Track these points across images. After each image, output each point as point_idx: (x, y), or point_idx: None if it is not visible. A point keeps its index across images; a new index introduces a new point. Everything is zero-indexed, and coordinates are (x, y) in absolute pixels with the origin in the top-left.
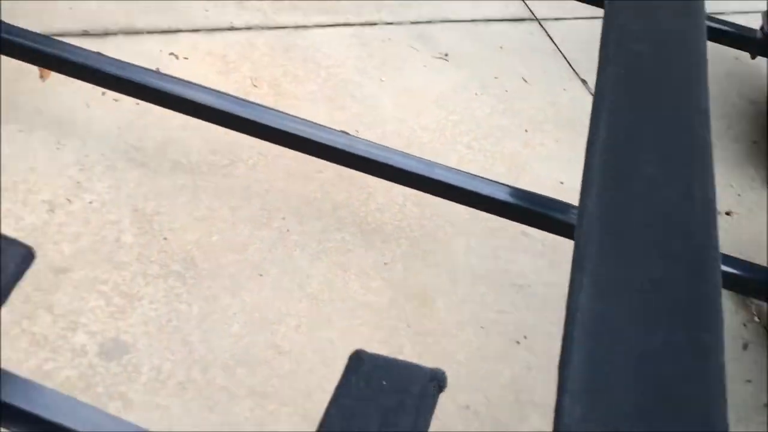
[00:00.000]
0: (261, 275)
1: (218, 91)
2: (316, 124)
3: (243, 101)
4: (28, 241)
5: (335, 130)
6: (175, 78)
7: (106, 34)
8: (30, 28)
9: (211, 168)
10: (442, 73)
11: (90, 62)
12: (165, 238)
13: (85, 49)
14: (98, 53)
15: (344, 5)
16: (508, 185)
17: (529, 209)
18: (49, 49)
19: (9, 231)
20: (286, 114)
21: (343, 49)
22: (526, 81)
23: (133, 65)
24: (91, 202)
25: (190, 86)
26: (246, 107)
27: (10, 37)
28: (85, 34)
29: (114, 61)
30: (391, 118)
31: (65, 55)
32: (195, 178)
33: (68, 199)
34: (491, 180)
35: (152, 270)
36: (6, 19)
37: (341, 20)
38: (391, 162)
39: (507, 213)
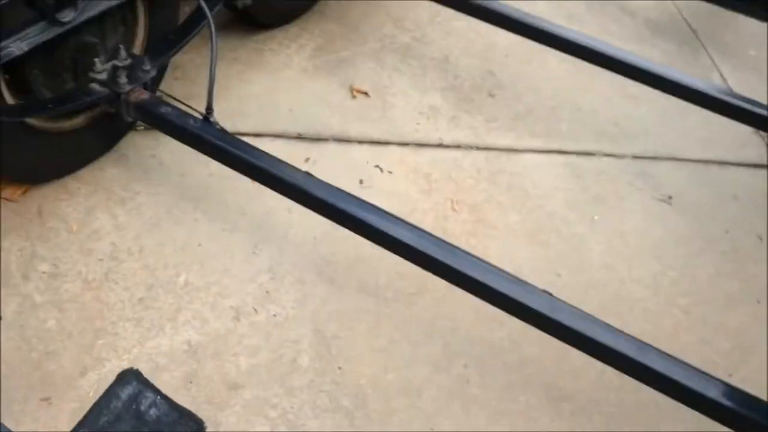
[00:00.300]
0: (432, 430)
1: (413, 226)
2: (514, 278)
3: (437, 241)
4: (209, 349)
5: (537, 288)
6: (370, 206)
7: (318, 139)
8: (251, 128)
9: (396, 294)
10: (662, 219)
11: (292, 179)
12: (340, 367)
13: (290, 167)
14: (306, 173)
15: (561, 130)
16: (726, 384)
17: (748, 417)
18: (254, 161)
19: (193, 334)
20: (483, 262)
21: (554, 179)
22: (762, 240)
23: (332, 188)
24: (275, 315)
25: (383, 216)
26: (440, 248)
27: (221, 143)
28: (299, 137)
29: (317, 183)
30: (598, 265)
31: (272, 170)
32: (379, 304)
33: (255, 309)
34: (707, 375)
35: (322, 401)
36: (234, 116)
37: (555, 147)
38: (597, 337)
39: (722, 417)
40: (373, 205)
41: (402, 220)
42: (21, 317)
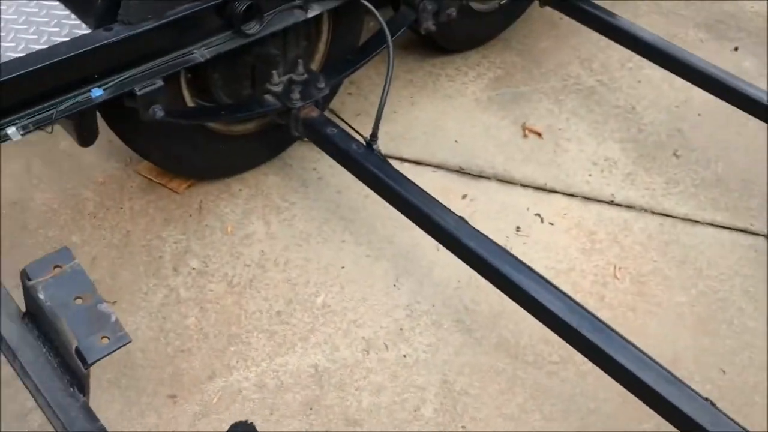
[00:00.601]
0: None
1: (565, 296)
2: (671, 376)
3: (590, 317)
4: (334, 377)
5: (697, 395)
6: (521, 265)
7: (479, 175)
8: (414, 154)
9: (537, 359)
10: None
11: (444, 223)
12: (463, 427)
13: (444, 209)
14: (460, 218)
15: (751, 207)
16: None
17: None
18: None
19: (321, 359)
20: (638, 351)
21: (734, 262)
22: None
23: (485, 239)
24: (405, 356)
25: (535, 279)
26: (591, 326)
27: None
28: (460, 171)
29: (469, 230)
30: None
31: (426, 210)
32: (517, 366)
33: (386, 344)
34: None
35: None
36: (398, 139)
37: (741, 225)
38: None
39: None
40: (525, 265)
41: (555, 287)
42: (164, 309)
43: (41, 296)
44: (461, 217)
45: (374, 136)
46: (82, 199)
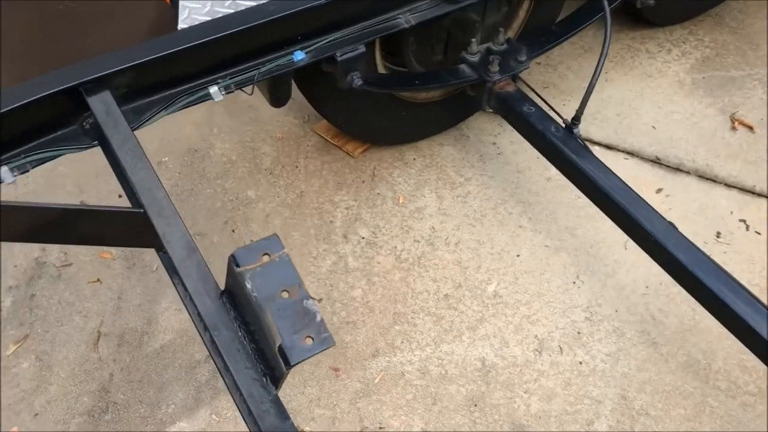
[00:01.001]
0: None
1: None
2: None
3: None
4: (502, 375)
5: None
6: (737, 285)
7: (678, 169)
8: (604, 137)
9: (731, 387)
10: None
11: (650, 227)
12: None
13: (652, 211)
14: (670, 224)
15: None
16: None
17: None
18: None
19: (489, 352)
20: None
21: None
22: None
23: (697, 252)
24: (581, 363)
25: (749, 302)
26: None
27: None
28: (656, 161)
29: (679, 240)
30: None
31: (630, 210)
32: (706, 392)
33: (560, 347)
34: None
35: None
36: (588, 120)
37: None
38: None
39: None
40: (736, 282)
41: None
42: (332, 277)
43: (248, 286)
44: (671, 223)
45: (577, 119)
46: (259, 153)
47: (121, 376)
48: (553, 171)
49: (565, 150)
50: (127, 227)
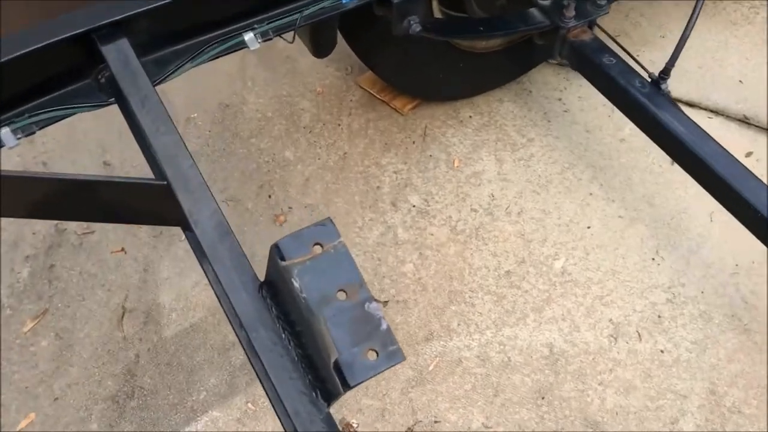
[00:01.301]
0: None
1: None
2: None
3: None
4: (572, 364)
5: None
6: None
7: None
8: (685, 94)
9: None
10: None
11: (759, 204)
12: None
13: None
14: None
15: None
16: None
17: None
18: (710, 161)
19: (557, 338)
20: None
21: None
22: None
23: None
24: (662, 351)
25: None
26: None
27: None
28: (744, 121)
29: None
30: None
31: (734, 183)
32: None
33: (639, 333)
34: None
35: None
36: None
37: None
38: None
39: None
40: None
41: None
42: (380, 250)
43: (296, 284)
44: None
45: (666, 72)
46: (297, 109)
47: (147, 357)
48: (627, 131)
49: (651, 108)
50: (149, 202)
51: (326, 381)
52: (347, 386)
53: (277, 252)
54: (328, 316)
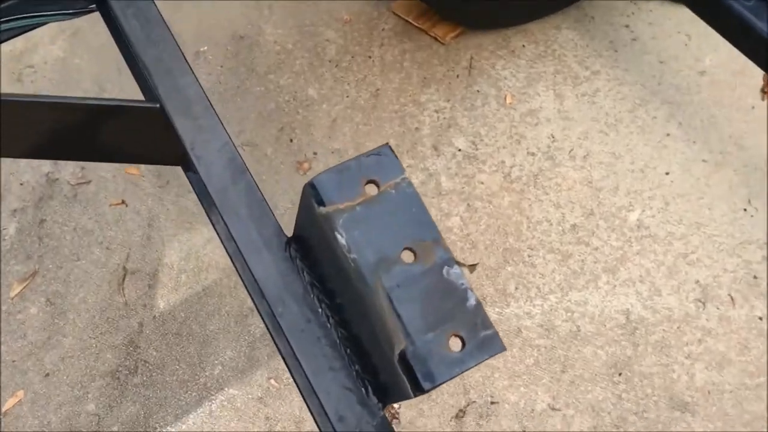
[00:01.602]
0: None
1: None
2: None
3: None
4: (653, 334)
5: None
6: None
7: None
8: None
9: None
10: None
11: None
12: None
13: None
14: None
15: None
16: None
17: None
18: None
19: (635, 303)
20: None
21: None
22: None
23: None
24: (761, 318)
25: None
26: None
27: None
28: None
29: None
30: None
31: None
32: None
33: (732, 297)
34: None
35: None
36: None
37: None
38: None
39: None
40: None
41: None
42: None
43: (342, 240)
44: None
45: None
46: (322, 40)
47: (153, 326)
48: (708, 62)
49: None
50: (140, 132)
51: (381, 373)
52: (420, 389)
53: (312, 193)
54: (389, 286)
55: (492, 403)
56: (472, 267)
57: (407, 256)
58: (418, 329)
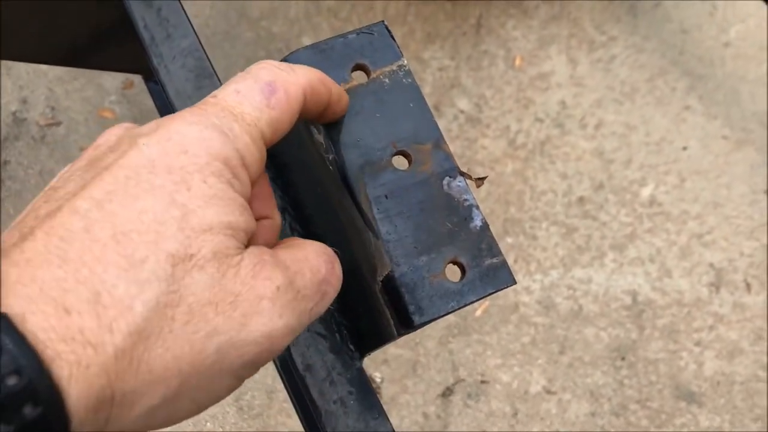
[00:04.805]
0: None
1: None
2: None
3: None
4: (661, 317)
5: None
6: None
7: None
8: None
9: None
10: None
11: None
12: None
13: None
14: None
15: None
16: None
17: None
18: None
19: (643, 283)
20: None
21: None
22: None
23: None
24: None
25: None
26: None
27: None
28: None
29: None
30: None
31: None
32: None
33: (747, 283)
34: None
35: None
36: None
37: None
38: None
39: None
40: None
41: None
42: None
43: (318, 135)
44: None
45: None
46: None
47: None
48: (733, 33)
49: None
50: (93, 26)
51: (363, 316)
52: (408, 325)
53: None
54: (374, 196)
55: (482, 382)
56: (480, 180)
57: (400, 161)
58: (407, 251)
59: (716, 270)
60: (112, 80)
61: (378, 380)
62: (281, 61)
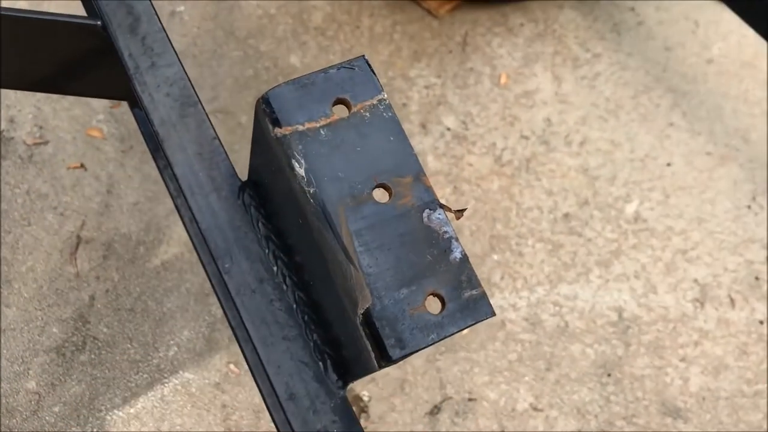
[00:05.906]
0: None
1: None
2: None
3: None
4: (646, 333)
5: None
6: None
7: None
8: None
9: None
10: None
11: None
12: None
13: None
14: None
15: None
16: None
17: None
18: None
19: (628, 299)
20: None
21: None
22: None
23: None
24: (761, 323)
25: None
26: None
27: None
28: None
29: None
30: None
31: None
32: None
33: (732, 298)
34: None
35: None
36: None
37: None
38: None
39: None
40: None
41: None
42: None
43: (299, 168)
44: None
45: None
46: (308, 6)
47: (105, 300)
48: (716, 50)
49: None
50: (80, 55)
51: (346, 346)
52: (387, 359)
53: (267, 111)
54: (355, 229)
55: (470, 399)
56: (460, 213)
57: (380, 194)
58: (388, 284)
59: (701, 286)
60: (99, 99)
61: (366, 399)
62: (261, 97)
